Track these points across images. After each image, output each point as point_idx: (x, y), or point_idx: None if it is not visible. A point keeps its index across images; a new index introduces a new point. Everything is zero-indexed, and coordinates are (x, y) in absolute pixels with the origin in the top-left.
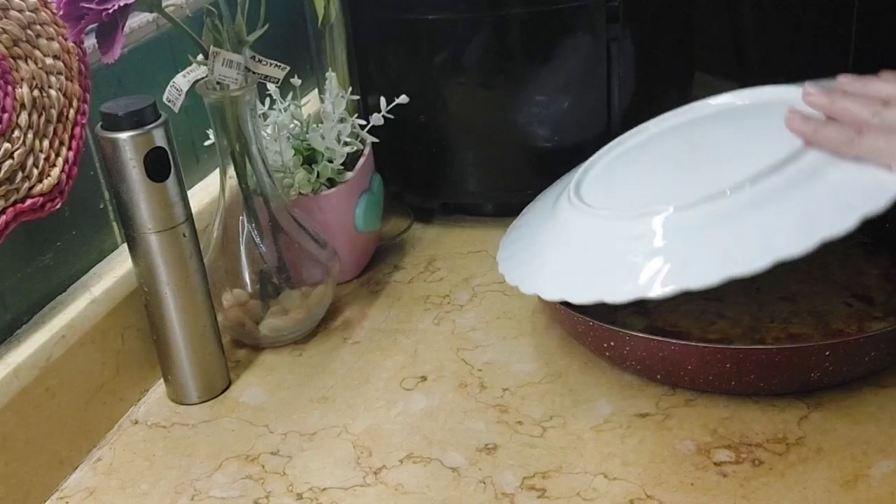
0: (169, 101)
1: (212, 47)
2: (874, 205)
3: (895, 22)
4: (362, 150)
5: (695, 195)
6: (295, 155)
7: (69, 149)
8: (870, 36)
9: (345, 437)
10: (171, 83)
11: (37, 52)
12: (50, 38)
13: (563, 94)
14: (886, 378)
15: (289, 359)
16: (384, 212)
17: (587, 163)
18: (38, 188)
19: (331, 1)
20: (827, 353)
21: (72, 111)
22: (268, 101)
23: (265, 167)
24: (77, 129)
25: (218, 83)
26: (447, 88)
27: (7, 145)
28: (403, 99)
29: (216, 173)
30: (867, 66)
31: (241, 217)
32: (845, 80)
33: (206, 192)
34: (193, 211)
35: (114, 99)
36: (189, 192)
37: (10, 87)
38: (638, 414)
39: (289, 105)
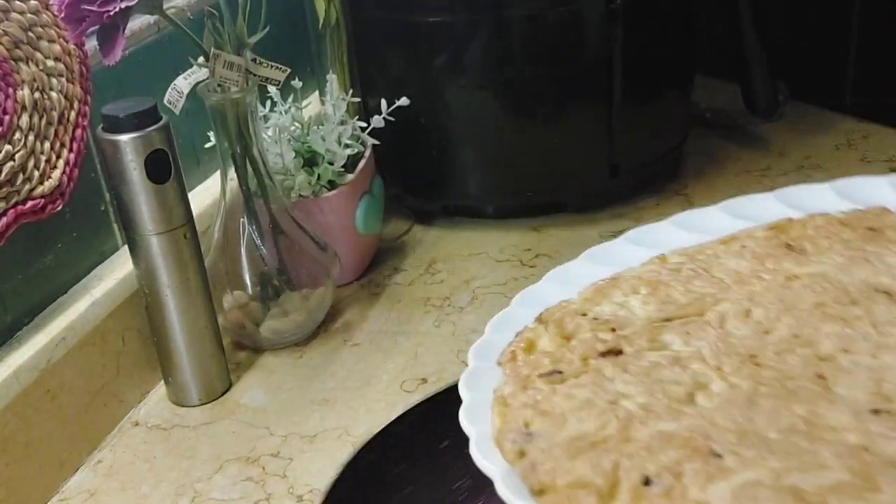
0: (170, 104)
1: (213, 49)
2: None
3: (894, 23)
4: (363, 153)
5: None
6: (295, 157)
7: (70, 151)
8: (870, 36)
9: (345, 439)
10: (171, 85)
11: (38, 55)
12: (51, 41)
13: (562, 96)
14: None
15: (289, 361)
16: (385, 214)
17: None
18: (39, 190)
19: (331, 3)
20: None
21: (73, 113)
22: (268, 103)
23: (266, 169)
24: (78, 132)
25: (219, 85)
26: (448, 90)
27: (8, 147)
28: (404, 101)
29: (217, 175)
30: (867, 67)
31: (241, 219)
32: None
33: (206, 194)
34: (194, 213)
35: (115, 101)
36: (190, 194)
37: (11, 90)
38: None
39: (289, 107)
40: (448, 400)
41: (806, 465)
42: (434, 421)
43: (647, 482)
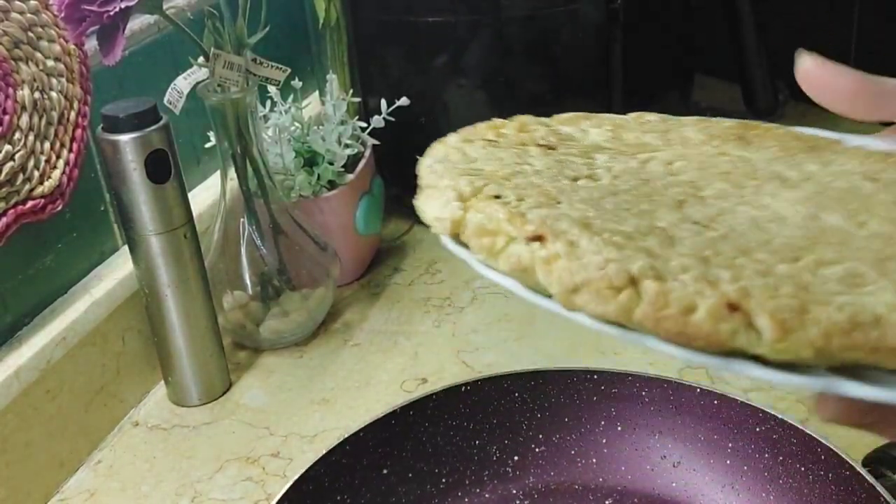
0: (170, 104)
1: (213, 49)
2: None
3: (894, 24)
4: (363, 153)
5: None
6: (296, 157)
7: (70, 151)
8: (870, 36)
9: None
10: (171, 85)
11: (38, 55)
12: (51, 41)
13: (563, 96)
14: None
15: (289, 361)
16: (385, 214)
17: None
18: (39, 190)
19: (332, 3)
20: None
21: (73, 113)
22: (269, 103)
23: (266, 169)
24: (78, 132)
25: (219, 85)
26: (448, 90)
27: (8, 147)
28: (404, 101)
29: (217, 175)
30: (867, 67)
31: (241, 219)
32: None
33: (206, 194)
34: (194, 213)
35: (115, 101)
36: (190, 194)
37: (11, 90)
38: None
39: (289, 107)
40: (389, 424)
41: (611, 219)
42: (374, 448)
43: (497, 197)
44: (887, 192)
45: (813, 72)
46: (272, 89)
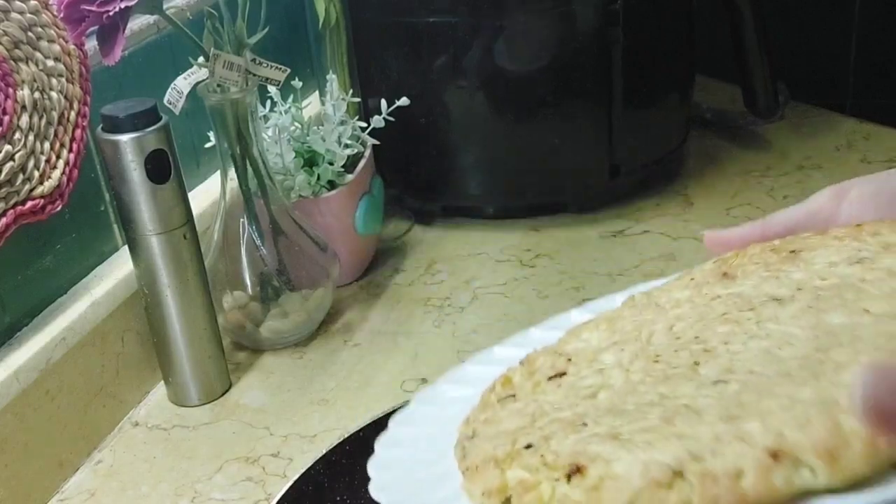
0: (170, 104)
1: (212, 50)
2: None
3: (894, 24)
4: (363, 153)
5: None
6: (295, 157)
7: (70, 151)
8: (870, 36)
9: None
10: (171, 85)
11: (38, 55)
12: (51, 41)
13: (563, 98)
14: None
15: (289, 361)
16: (384, 214)
17: None
18: (39, 190)
19: (332, 3)
20: None
21: (72, 113)
22: (268, 103)
23: (266, 169)
24: (78, 132)
25: (219, 85)
26: (448, 91)
27: (8, 147)
28: (404, 101)
29: (217, 175)
30: (868, 67)
31: (241, 219)
32: None
33: (206, 195)
34: (194, 213)
35: (115, 101)
36: (190, 195)
37: (10, 90)
38: None
39: (289, 107)
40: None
41: (637, 419)
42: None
43: (528, 447)
44: (875, 269)
45: (715, 235)
46: (272, 89)
